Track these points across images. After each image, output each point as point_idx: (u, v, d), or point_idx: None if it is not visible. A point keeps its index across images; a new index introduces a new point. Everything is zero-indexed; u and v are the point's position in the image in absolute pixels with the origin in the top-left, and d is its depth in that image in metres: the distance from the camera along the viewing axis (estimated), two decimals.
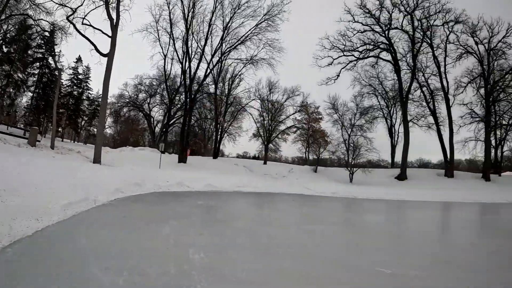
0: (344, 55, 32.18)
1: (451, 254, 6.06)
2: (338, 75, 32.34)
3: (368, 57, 32.75)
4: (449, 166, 30.27)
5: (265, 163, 31.33)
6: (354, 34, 31.89)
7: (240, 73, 32.95)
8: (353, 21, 31.55)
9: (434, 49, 31.61)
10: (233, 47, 29.01)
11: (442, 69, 31.30)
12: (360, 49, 32.29)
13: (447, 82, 31.38)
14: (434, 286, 3.95)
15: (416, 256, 5.63)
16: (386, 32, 31.78)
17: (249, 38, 28.55)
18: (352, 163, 28.20)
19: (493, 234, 9.35)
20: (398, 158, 33.43)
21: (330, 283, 3.93)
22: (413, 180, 28.39)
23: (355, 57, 32.35)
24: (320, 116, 34.09)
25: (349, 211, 13.57)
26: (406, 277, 4.21)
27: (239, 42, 28.66)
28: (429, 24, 31.11)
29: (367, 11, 31.27)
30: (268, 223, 8.57)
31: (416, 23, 31.17)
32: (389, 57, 32.07)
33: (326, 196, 19.41)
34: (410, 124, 31.92)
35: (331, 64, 32.24)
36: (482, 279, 4.40)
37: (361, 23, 31.72)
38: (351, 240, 6.78)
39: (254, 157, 43.59)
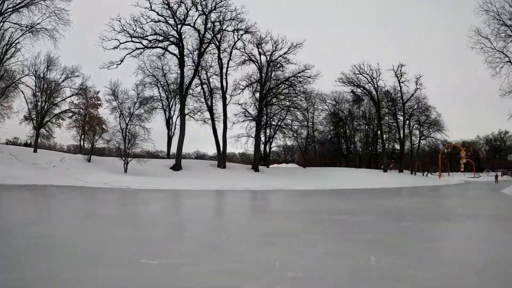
0: (132, 41, 34.69)
1: (220, 238, 6.90)
2: (122, 60, 34.71)
3: (156, 47, 36.59)
4: (222, 158, 37.89)
5: (35, 151, 31.19)
6: (147, 22, 34.79)
7: (17, 41, 30.89)
8: (150, 9, 34.52)
9: (221, 51, 38.77)
10: (16, 7, 27.81)
11: (224, 70, 38.94)
12: (150, 38, 35.49)
13: (227, 83, 39.33)
14: (200, 272, 4.27)
15: (185, 244, 6.16)
16: (179, 26, 36.15)
17: (37, 2, 28.06)
18: (128, 152, 30.84)
19: (261, 216, 11.36)
20: (175, 149, 37.97)
21: (90, 282, 3.91)
22: (188, 171, 33.55)
23: (143, 45, 35.34)
24: (99, 102, 36.30)
25: (120, 203, 14.54)
26: (173, 266, 4.49)
27: (24, 3, 27.77)
28: (221, 28, 37.50)
29: (166, 2, 34.79)
30: (29, 221, 8.52)
31: (209, 25, 37.03)
32: (176, 51, 36.69)
33: (98, 187, 21.02)
34: (187, 117, 38.04)
35: (116, 48, 34.37)
36: (247, 259, 4.99)
37: (157, 12, 34.94)
38: (118, 234, 7.06)
39: (26, 144, 42.67)
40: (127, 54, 34.88)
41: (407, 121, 55.03)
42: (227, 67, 39.48)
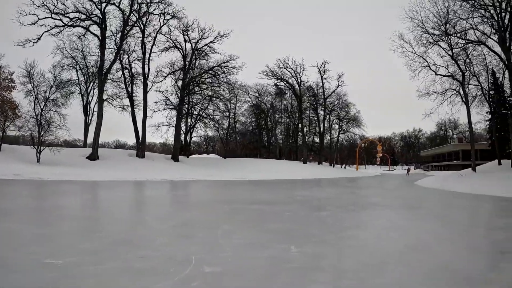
0: (52, 17, 33.95)
1: (133, 233, 6.87)
2: (39, 38, 33.98)
3: (77, 26, 36.40)
4: (141, 147, 39.88)
5: None
6: None
7: None
8: None
9: (145, 36, 40.28)
10: None
11: (147, 55, 40.58)
12: (71, 16, 34.94)
13: (149, 69, 41.01)
14: (109, 271, 4.27)
15: (94, 240, 5.98)
16: (103, 5, 36.36)
17: None
18: (41, 140, 30.42)
19: (178, 208, 11.54)
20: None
21: None
22: (105, 160, 34.00)
23: (63, 22, 34.81)
24: (13, 84, 34.48)
25: (28, 196, 14.08)
26: (80, 265, 4.47)
27: None
28: (147, 11, 38.52)
29: None
30: None
31: (135, 6, 37.63)
32: (98, 32, 37.06)
33: (7, 178, 20.95)
34: (106, 103, 39.79)
35: (34, 24, 33.57)
36: (161, 254, 5.06)
37: None
38: (21, 231, 6.79)
39: None
40: (45, 31, 34.60)
41: (328, 116, 63.72)
42: (150, 53, 41.11)
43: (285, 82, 58.16)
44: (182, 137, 47.64)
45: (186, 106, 45.38)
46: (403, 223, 8.98)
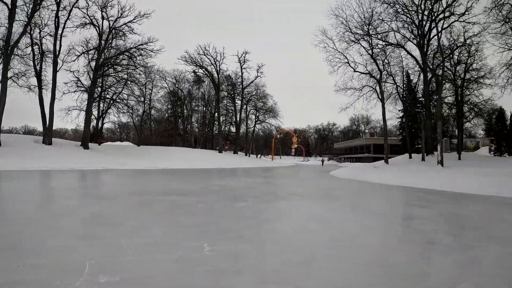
0: None
1: (21, 235, 6.25)
2: None
3: None
4: (47, 133, 39.04)
5: None
6: None
7: None
8: None
9: (60, 9, 39.04)
10: None
11: (60, 31, 39.53)
12: None
13: (61, 46, 39.97)
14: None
15: None
16: None
17: None
18: None
19: (81, 202, 10.85)
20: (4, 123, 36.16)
21: None
22: (7, 147, 32.59)
23: None
24: None
25: None
26: None
27: None
28: None
29: None
30: None
31: None
32: (9, 1, 34.37)
33: None
34: (11, 82, 37.53)
35: None
36: (49, 261, 4.47)
37: None
38: None
39: None
40: None
41: (245, 106, 68.39)
42: (64, 28, 40.04)
43: (204, 70, 61.34)
44: (94, 122, 48.26)
45: (99, 89, 45.67)
46: (324, 214, 9.00)
